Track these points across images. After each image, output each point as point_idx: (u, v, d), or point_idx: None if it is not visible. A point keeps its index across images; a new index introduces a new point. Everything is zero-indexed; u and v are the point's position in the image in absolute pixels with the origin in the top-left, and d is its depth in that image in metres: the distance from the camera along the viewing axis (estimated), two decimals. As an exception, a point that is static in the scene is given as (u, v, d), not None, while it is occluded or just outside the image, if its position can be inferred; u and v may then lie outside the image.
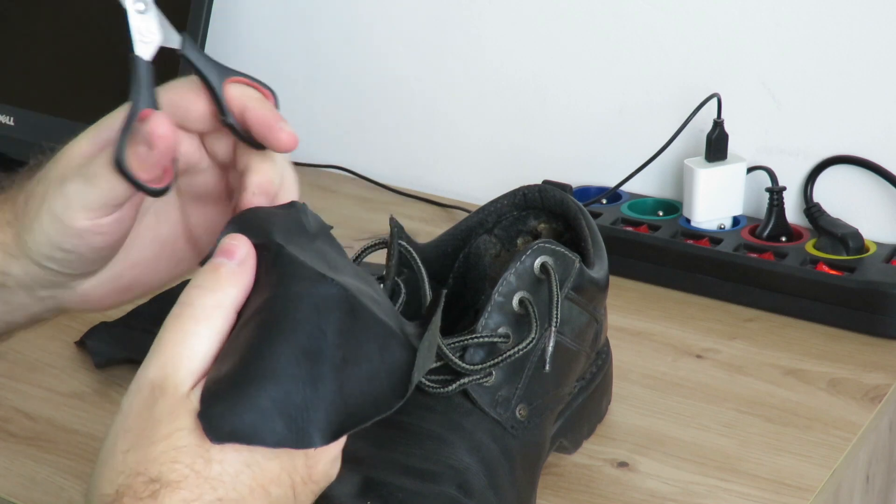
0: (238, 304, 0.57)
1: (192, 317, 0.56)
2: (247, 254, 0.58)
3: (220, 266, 0.57)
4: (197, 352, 0.55)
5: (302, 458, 0.56)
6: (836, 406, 0.89)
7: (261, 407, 0.54)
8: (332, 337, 0.56)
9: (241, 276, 0.57)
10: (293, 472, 0.56)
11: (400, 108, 1.31)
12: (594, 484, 0.81)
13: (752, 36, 1.10)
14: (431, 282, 0.75)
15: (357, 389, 0.56)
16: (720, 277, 1.04)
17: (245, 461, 0.54)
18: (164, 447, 0.53)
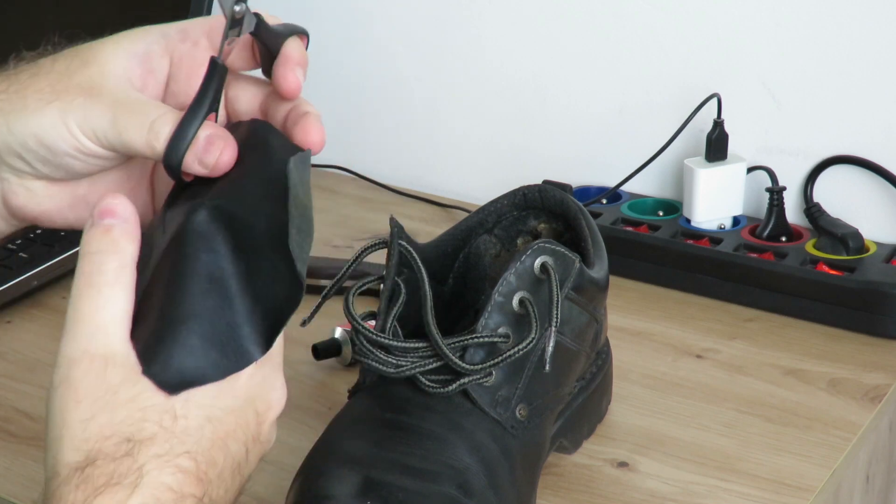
0: (136, 258, 0.59)
1: (105, 282, 0.57)
2: (128, 209, 0.59)
3: (111, 227, 0.58)
4: (119, 315, 0.57)
5: (252, 415, 0.58)
6: (836, 406, 0.89)
7: (193, 346, 0.56)
8: (227, 256, 0.58)
9: (133, 232, 0.59)
10: (246, 428, 0.58)
11: (400, 108, 1.31)
12: (594, 484, 0.81)
13: (752, 36, 1.10)
14: (431, 282, 0.75)
15: (268, 293, 0.58)
16: (720, 277, 1.04)
17: (206, 416, 0.56)
18: (131, 409, 0.55)
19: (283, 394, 0.61)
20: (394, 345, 0.73)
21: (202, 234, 0.58)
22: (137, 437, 0.55)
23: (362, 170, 1.32)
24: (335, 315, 0.82)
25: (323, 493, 0.68)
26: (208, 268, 0.58)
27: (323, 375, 0.94)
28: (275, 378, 0.60)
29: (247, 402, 0.58)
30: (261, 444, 0.60)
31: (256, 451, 0.60)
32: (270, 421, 0.60)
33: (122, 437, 0.55)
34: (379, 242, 0.76)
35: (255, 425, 0.59)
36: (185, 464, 0.55)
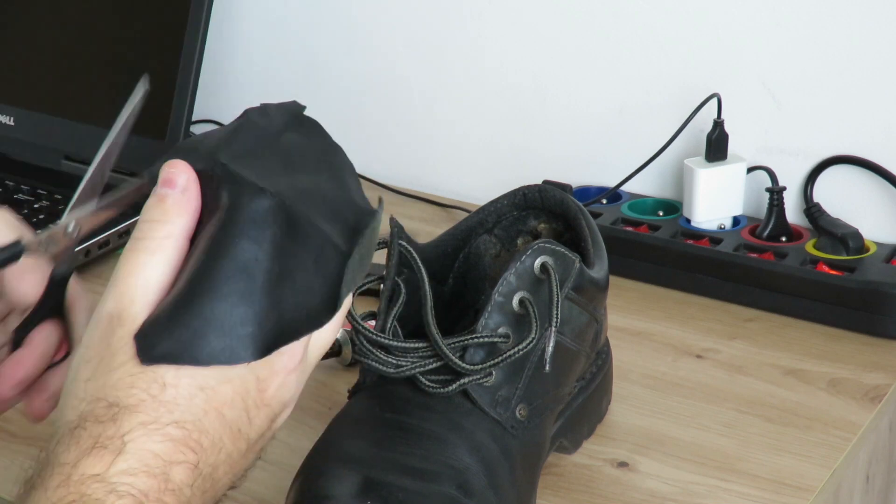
0: (188, 230, 0.58)
1: (145, 249, 0.57)
2: (188, 179, 0.58)
3: (165, 196, 0.58)
4: (151, 282, 0.57)
5: (253, 382, 0.57)
6: (836, 406, 0.89)
7: (193, 327, 0.56)
8: (267, 251, 0.57)
9: (187, 203, 0.58)
10: (245, 395, 0.57)
11: (400, 108, 1.31)
12: (594, 484, 0.81)
13: (752, 36, 1.10)
14: (431, 282, 0.75)
15: (292, 303, 0.57)
16: (720, 277, 1.04)
17: (198, 385, 0.56)
18: (122, 374, 0.55)
19: (291, 360, 0.58)
20: (394, 345, 0.73)
21: (254, 221, 0.57)
22: (123, 403, 0.55)
23: (362, 170, 1.32)
24: (335, 315, 0.82)
25: (323, 493, 0.68)
26: (244, 258, 0.57)
27: (323, 375, 0.94)
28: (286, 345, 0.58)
29: (247, 371, 0.57)
30: (267, 408, 0.58)
31: (262, 414, 0.58)
32: (278, 383, 0.58)
33: (109, 402, 0.55)
34: (379, 242, 0.76)
35: (257, 392, 0.57)
36: (174, 432, 0.55)
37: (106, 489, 0.53)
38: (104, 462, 0.53)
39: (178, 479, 0.55)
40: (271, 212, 0.57)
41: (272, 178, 0.59)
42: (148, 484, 0.54)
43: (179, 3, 1.21)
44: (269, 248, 0.57)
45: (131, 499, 0.53)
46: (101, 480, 0.53)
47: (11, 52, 1.33)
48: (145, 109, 1.24)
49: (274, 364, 0.58)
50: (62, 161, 1.27)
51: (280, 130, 0.62)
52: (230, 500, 0.79)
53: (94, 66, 1.28)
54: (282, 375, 0.58)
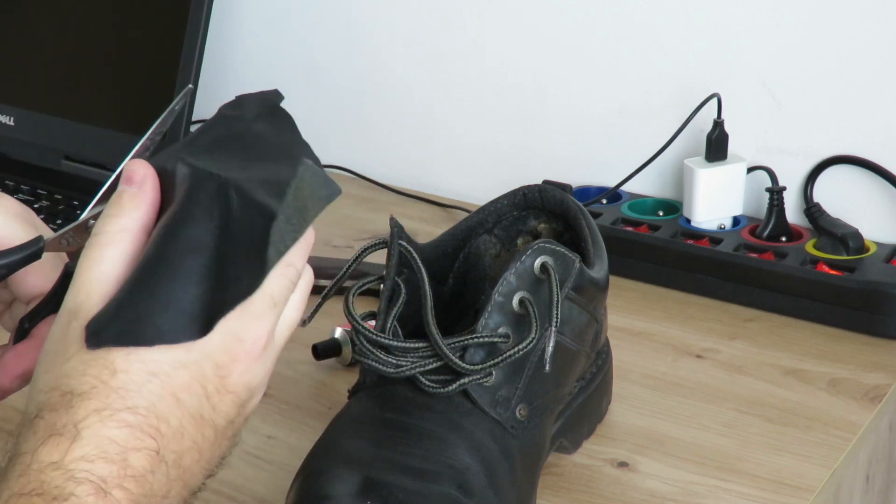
0: (144, 224, 0.59)
1: (99, 244, 0.58)
2: (144, 175, 0.59)
3: (121, 192, 0.59)
4: (105, 275, 0.57)
5: (210, 368, 0.57)
6: (836, 406, 0.89)
7: (138, 309, 0.56)
8: (212, 232, 0.57)
9: (143, 198, 0.59)
10: (203, 380, 0.57)
11: (400, 109, 1.31)
12: (594, 484, 0.81)
13: (752, 36, 1.10)
14: (431, 282, 0.75)
15: (234, 275, 0.57)
16: (720, 277, 1.04)
17: (150, 371, 0.56)
18: (74, 362, 0.56)
19: (254, 346, 0.58)
20: (394, 345, 0.73)
21: (199, 203, 0.58)
22: (76, 391, 0.55)
23: (362, 170, 1.32)
24: (335, 315, 0.82)
25: (323, 493, 0.68)
26: (189, 237, 0.57)
27: (323, 375, 0.94)
28: (243, 330, 0.58)
29: (203, 356, 0.57)
30: (232, 394, 0.58)
31: (227, 400, 0.58)
32: (240, 370, 0.58)
33: (64, 390, 0.55)
34: (379, 242, 0.76)
35: (217, 378, 0.57)
36: (129, 418, 0.55)
37: (64, 476, 0.53)
38: (60, 449, 0.54)
39: (138, 465, 0.55)
40: (217, 193, 0.58)
41: (228, 166, 0.60)
42: (106, 470, 0.54)
43: (179, 3, 1.21)
44: (213, 228, 0.58)
45: (90, 485, 0.53)
46: (59, 468, 0.53)
47: (11, 52, 1.33)
48: (145, 109, 1.24)
49: (233, 350, 0.58)
50: (62, 161, 1.27)
51: (249, 122, 0.63)
52: (230, 500, 0.79)
53: (94, 66, 1.28)
54: (244, 362, 0.58)
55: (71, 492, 0.53)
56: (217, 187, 0.58)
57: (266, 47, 1.38)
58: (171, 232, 0.58)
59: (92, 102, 1.28)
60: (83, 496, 0.53)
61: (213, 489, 0.80)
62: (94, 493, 0.53)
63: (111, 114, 1.26)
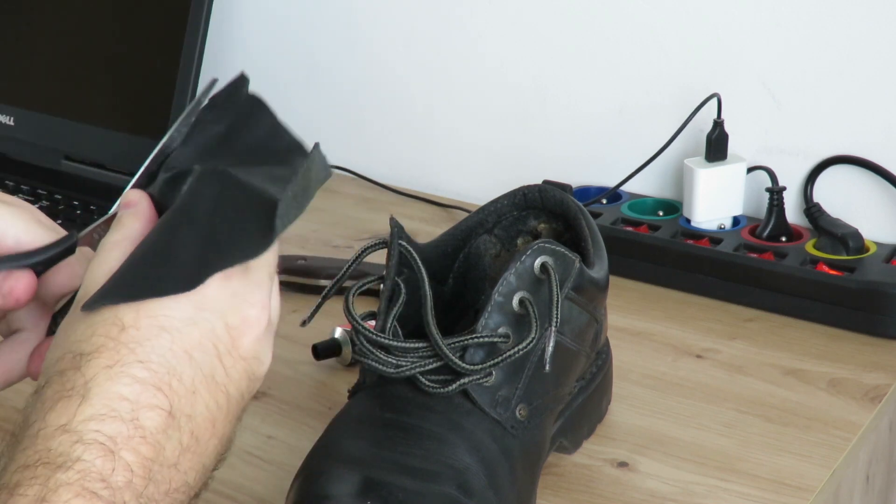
0: (143, 234, 0.61)
1: (104, 248, 0.61)
2: (140, 198, 0.63)
3: (121, 215, 0.63)
4: (110, 271, 0.59)
5: (222, 328, 0.58)
6: (836, 406, 0.89)
7: (135, 271, 0.58)
8: (203, 207, 0.60)
9: (140, 213, 0.63)
10: (216, 339, 0.57)
11: (400, 109, 1.31)
12: (594, 484, 0.81)
13: (752, 36, 1.10)
14: (431, 282, 0.75)
15: (229, 243, 0.59)
16: (720, 277, 1.04)
17: (160, 325, 0.56)
18: (83, 327, 0.56)
19: (262, 313, 0.59)
20: (394, 345, 0.73)
21: (195, 183, 0.61)
22: (86, 351, 0.55)
23: (362, 170, 1.32)
24: (335, 315, 0.82)
25: (323, 493, 0.68)
26: (185, 210, 0.60)
27: (323, 375, 0.94)
28: (250, 294, 0.59)
29: (214, 314, 0.57)
30: (244, 361, 0.59)
31: (240, 367, 0.58)
32: (253, 337, 0.59)
33: (72, 353, 0.55)
34: (379, 242, 0.76)
35: (228, 339, 0.58)
36: (140, 373, 0.55)
37: (72, 439, 0.52)
38: (69, 411, 0.53)
39: (150, 425, 0.54)
40: (208, 174, 0.61)
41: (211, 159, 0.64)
42: (116, 429, 0.53)
43: (179, 3, 1.21)
44: (205, 204, 0.60)
45: (98, 447, 0.52)
46: (67, 430, 0.52)
47: (11, 52, 1.33)
48: (145, 109, 1.24)
49: (244, 312, 0.58)
50: (62, 161, 1.27)
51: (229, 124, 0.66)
52: (230, 500, 0.79)
53: (94, 66, 1.28)
54: (256, 328, 0.59)
55: (78, 457, 0.52)
56: (208, 169, 0.61)
57: (266, 47, 1.38)
58: (167, 214, 0.61)
59: (92, 102, 1.28)
60: (91, 460, 0.52)
61: (214, 489, 0.80)
62: (103, 456, 0.52)
63: (111, 114, 1.26)
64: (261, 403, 0.89)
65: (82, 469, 0.52)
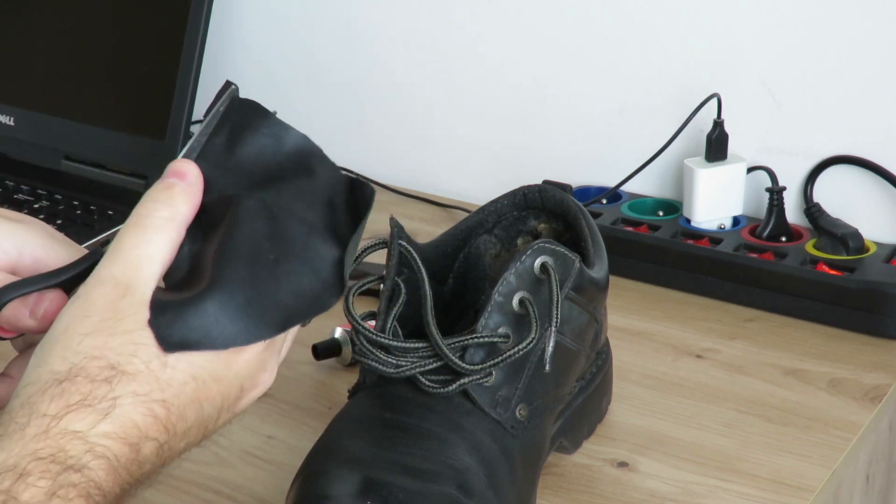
0: (187, 220, 0.61)
1: (151, 226, 0.60)
2: (196, 176, 0.62)
3: (173, 185, 0.62)
4: (155, 257, 0.60)
5: (237, 389, 0.60)
6: (836, 406, 0.89)
7: (207, 312, 0.58)
8: (262, 242, 0.60)
9: (192, 195, 0.62)
10: (226, 397, 0.60)
11: (400, 109, 1.31)
12: (594, 484, 0.81)
13: (752, 36, 1.10)
14: (431, 282, 0.75)
15: (293, 286, 0.60)
16: (720, 277, 1.04)
17: (193, 374, 0.58)
18: (126, 340, 0.57)
19: (272, 376, 0.63)
20: (394, 345, 0.73)
21: (249, 220, 0.61)
22: (122, 368, 0.56)
23: (362, 170, 1.32)
24: (335, 315, 0.82)
25: (323, 493, 0.68)
26: (244, 248, 0.60)
27: (323, 375, 0.94)
28: (270, 360, 0.62)
29: (237, 377, 0.60)
30: (233, 414, 0.62)
31: (226, 417, 0.61)
32: (253, 397, 0.62)
33: (108, 363, 0.56)
34: (379, 242, 0.76)
35: (235, 399, 0.61)
36: (158, 410, 0.57)
37: (84, 447, 0.54)
38: (89, 421, 0.55)
39: (146, 452, 0.57)
40: (255, 210, 0.61)
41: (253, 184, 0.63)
42: (121, 451, 0.55)
43: (179, 3, 1.21)
44: (263, 239, 0.61)
45: (105, 461, 0.55)
46: (82, 438, 0.54)
47: (11, 52, 1.33)
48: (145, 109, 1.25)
49: (258, 377, 0.61)
50: (62, 161, 1.27)
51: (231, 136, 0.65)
52: (230, 500, 0.79)
53: (94, 66, 1.28)
54: (259, 389, 0.62)
55: (86, 464, 0.54)
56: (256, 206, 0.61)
57: (266, 47, 1.38)
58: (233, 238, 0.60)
59: (92, 102, 1.28)
60: (97, 469, 0.54)
61: (214, 489, 0.80)
62: (106, 470, 0.55)
63: (111, 114, 1.26)
64: (261, 403, 0.89)
65: (88, 476, 0.54)
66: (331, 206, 0.64)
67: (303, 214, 0.62)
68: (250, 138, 0.65)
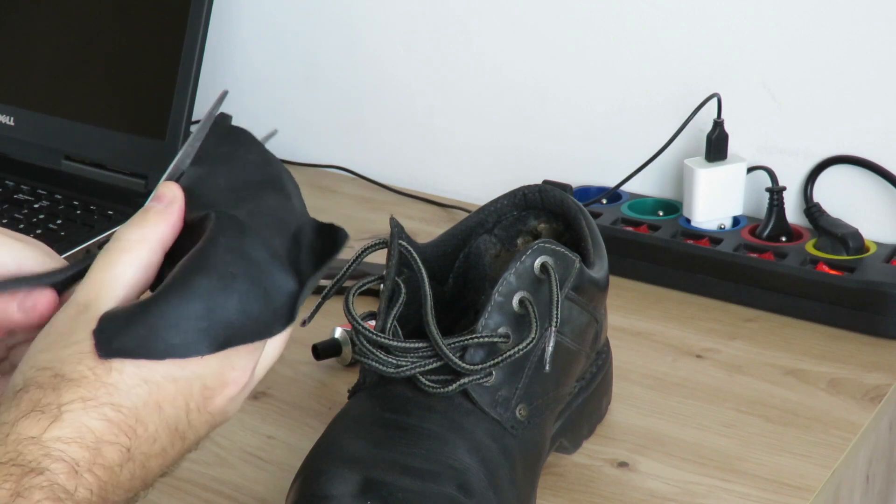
0: (164, 239, 0.62)
1: (119, 248, 0.61)
2: (174, 197, 0.63)
3: (149, 208, 0.63)
4: (119, 278, 0.61)
5: (199, 388, 0.60)
6: (836, 406, 0.89)
7: (149, 321, 0.58)
8: (225, 255, 0.60)
9: (167, 216, 0.63)
10: (189, 397, 0.60)
11: (400, 108, 1.31)
12: (594, 484, 0.81)
13: (752, 36, 1.10)
14: (431, 282, 0.75)
15: (244, 306, 0.60)
16: (720, 277, 1.04)
17: (142, 377, 0.58)
18: (74, 350, 0.58)
19: (241, 376, 0.62)
20: (394, 345, 0.73)
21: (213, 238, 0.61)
22: (68, 376, 0.57)
23: (362, 170, 1.32)
24: (335, 315, 0.82)
25: (323, 493, 0.68)
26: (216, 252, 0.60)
27: (323, 375, 0.94)
28: (237, 359, 0.61)
29: (194, 376, 0.60)
30: (210, 415, 0.61)
31: (204, 420, 0.61)
32: (227, 396, 0.61)
33: (55, 372, 0.57)
34: (379, 242, 0.76)
35: (202, 398, 0.60)
36: (110, 414, 0.57)
37: (40, 451, 0.55)
38: (40, 426, 0.56)
39: (109, 457, 0.57)
40: (223, 224, 0.61)
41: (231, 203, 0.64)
42: (80, 454, 0.56)
43: (179, 3, 1.21)
44: (221, 254, 0.61)
45: (64, 464, 0.55)
46: (36, 443, 0.55)
47: (11, 52, 1.33)
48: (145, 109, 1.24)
49: (225, 376, 0.61)
50: (62, 161, 1.27)
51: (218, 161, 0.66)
52: (230, 500, 0.79)
53: (94, 66, 1.28)
54: (231, 389, 0.61)
55: (46, 467, 0.55)
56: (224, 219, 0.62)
57: (266, 47, 1.38)
58: (187, 263, 0.60)
59: (92, 102, 1.28)
60: (57, 472, 0.55)
61: (214, 489, 0.80)
62: (67, 473, 0.55)
63: (111, 114, 1.26)
64: (261, 403, 0.89)
65: (50, 478, 0.55)
66: (295, 242, 0.64)
67: (270, 240, 0.62)
68: (235, 161, 0.66)
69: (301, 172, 1.30)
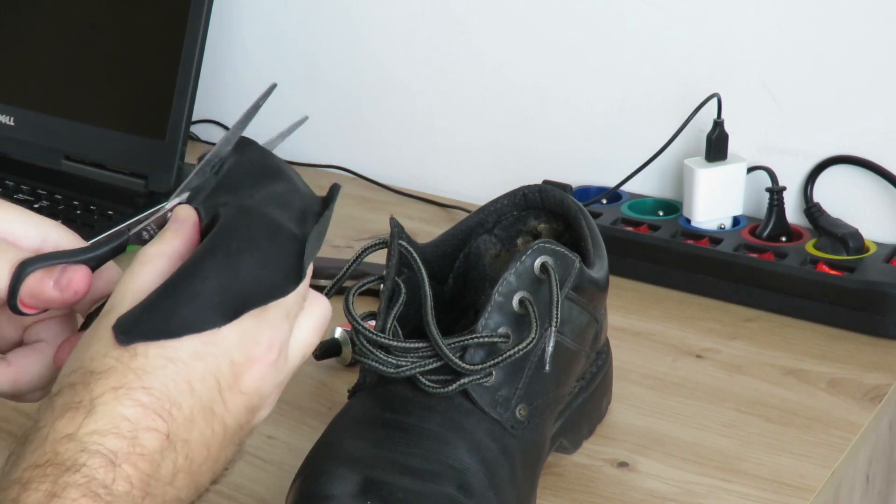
0: (180, 252, 0.63)
1: (139, 262, 0.63)
2: (187, 216, 0.65)
3: (167, 227, 0.65)
4: (139, 287, 0.61)
5: (227, 364, 0.60)
6: (836, 406, 0.89)
7: (165, 306, 0.60)
8: (228, 235, 0.62)
9: (183, 231, 0.64)
10: (218, 374, 0.60)
11: (400, 108, 1.31)
12: (594, 484, 0.81)
13: (752, 36, 1.10)
14: (431, 282, 0.75)
15: (251, 275, 0.61)
16: (720, 277, 1.04)
17: (167, 356, 0.59)
18: (98, 347, 0.59)
19: (269, 352, 0.62)
20: (394, 345, 0.73)
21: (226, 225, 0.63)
22: (97, 370, 0.58)
23: (362, 170, 1.32)
24: (335, 315, 0.82)
25: (323, 493, 0.68)
26: (219, 234, 0.62)
27: (323, 375, 0.94)
28: (259, 333, 0.61)
29: (220, 351, 0.60)
30: (244, 396, 0.61)
31: (239, 401, 0.61)
32: (258, 374, 0.61)
33: (84, 370, 0.58)
34: (379, 242, 0.76)
35: (231, 375, 0.60)
36: (143, 398, 0.58)
37: (78, 447, 0.55)
38: (75, 422, 0.56)
39: (148, 444, 0.57)
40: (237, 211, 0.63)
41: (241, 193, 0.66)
42: (117, 444, 0.56)
43: (179, 4, 1.21)
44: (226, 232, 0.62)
45: (101, 458, 0.55)
46: (73, 439, 0.56)
47: (11, 52, 1.33)
48: (145, 109, 1.24)
49: (250, 351, 0.61)
50: (62, 161, 1.27)
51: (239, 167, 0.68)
52: (230, 500, 0.79)
53: (94, 66, 1.28)
54: (259, 365, 0.61)
55: (83, 463, 0.55)
56: (232, 206, 0.64)
57: (266, 47, 1.38)
58: (199, 249, 0.62)
59: (92, 102, 1.28)
60: (94, 467, 0.55)
61: (213, 489, 0.80)
62: (105, 466, 0.55)
63: (111, 114, 1.26)
64: (261, 403, 0.89)
65: (87, 474, 0.55)
66: (302, 215, 0.66)
67: (271, 213, 0.64)
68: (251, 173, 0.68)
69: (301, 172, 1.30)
